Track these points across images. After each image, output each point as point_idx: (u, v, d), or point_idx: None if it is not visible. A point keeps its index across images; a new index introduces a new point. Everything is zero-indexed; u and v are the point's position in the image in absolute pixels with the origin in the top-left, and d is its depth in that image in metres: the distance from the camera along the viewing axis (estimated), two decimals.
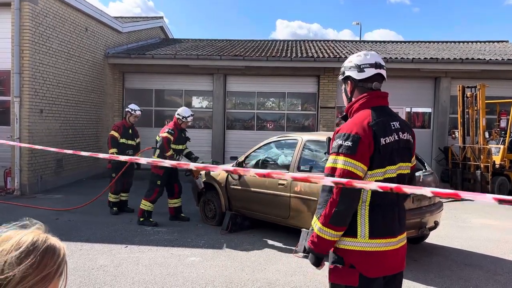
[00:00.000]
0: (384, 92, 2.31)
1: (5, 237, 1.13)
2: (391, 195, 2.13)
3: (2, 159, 9.61)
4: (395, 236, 2.17)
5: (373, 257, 2.11)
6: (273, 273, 4.74)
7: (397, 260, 2.20)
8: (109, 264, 4.92)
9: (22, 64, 9.28)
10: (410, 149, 2.28)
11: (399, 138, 2.18)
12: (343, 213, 2.06)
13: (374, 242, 2.11)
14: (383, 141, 2.10)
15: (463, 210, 8.60)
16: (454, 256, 5.56)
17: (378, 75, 2.26)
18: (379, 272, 2.13)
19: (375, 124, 2.11)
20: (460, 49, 14.95)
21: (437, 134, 12.91)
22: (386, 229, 2.14)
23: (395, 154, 2.16)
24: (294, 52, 13.80)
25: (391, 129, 2.17)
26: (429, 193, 1.57)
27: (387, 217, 2.15)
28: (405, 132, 2.24)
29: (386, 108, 2.27)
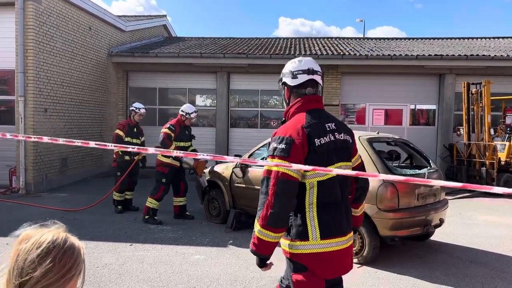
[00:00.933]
0: (317, 96, 2.37)
1: (25, 235, 1.15)
2: (335, 194, 2.19)
3: (7, 158, 9.66)
4: (345, 235, 2.20)
5: (326, 257, 2.12)
6: (278, 271, 4.73)
7: (347, 259, 2.23)
8: (114, 262, 4.93)
9: (26, 64, 9.31)
10: (348, 149, 2.34)
11: (335, 139, 2.24)
12: (278, 214, 2.08)
13: (326, 243, 2.12)
14: (318, 141, 2.16)
15: (469, 207, 8.56)
16: (459, 253, 5.54)
17: (311, 81, 2.32)
18: (335, 273, 2.18)
19: (308, 126, 2.18)
20: (464, 46, 14.86)
21: (442, 131, 12.85)
22: (336, 229, 2.16)
23: (332, 154, 2.21)
24: (297, 49, 13.76)
25: (326, 130, 2.23)
26: (438, 185, 1.57)
27: (336, 216, 2.18)
28: (342, 132, 2.30)
29: (320, 111, 2.34)
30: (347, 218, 2.25)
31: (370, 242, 4.93)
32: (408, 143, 6.14)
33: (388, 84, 13.15)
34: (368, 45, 15.09)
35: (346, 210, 2.27)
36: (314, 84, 2.35)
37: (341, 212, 2.21)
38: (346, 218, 2.24)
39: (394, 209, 4.88)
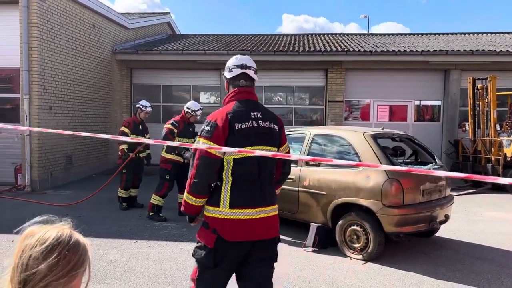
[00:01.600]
0: (249, 88, 2.76)
1: (29, 232, 1.14)
2: (251, 174, 2.57)
3: (12, 156, 9.71)
4: (255, 208, 2.55)
5: (232, 223, 2.52)
6: (282, 268, 4.72)
7: (259, 228, 2.57)
8: (119, 259, 4.95)
9: (30, 62, 9.34)
10: (272, 136, 2.70)
11: (257, 125, 2.62)
12: (198, 184, 2.56)
13: (233, 211, 2.52)
14: (238, 126, 2.55)
15: (474, 204, 8.52)
16: (465, 249, 5.51)
17: (244, 74, 2.74)
18: (238, 237, 2.52)
19: (233, 113, 2.59)
20: (470, 41, 14.74)
21: (447, 127, 12.78)
22: (245, 201, 2.53)
23: (252, 137, 2.59)
24: (301, 46, 13.71)
25: (250, 117, 2.61)
26: (442, 175, 1.57)
27: (246, 191, 2.55)
28: (267, 121, 2.68)
29: (250, 101, 2.72)
30: (262, 194, 2.60)
31: (375, 239, 4.91)
32: (413, 139, 6.11)
33: (392, 80, 13.08)
34: (372, 41, 15.01)
35: (262, 187, 2.62)
36: (247, 78, 2.75)
37: (254, 188, 2.58)
38: (262, 194, 2.60)
39: (399, 205, 4.86)
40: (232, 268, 2.64)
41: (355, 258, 5.03)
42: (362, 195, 5.01)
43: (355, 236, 5.12)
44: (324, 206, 5.39)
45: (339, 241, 5.24)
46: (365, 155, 5.17)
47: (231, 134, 2.54)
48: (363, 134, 5.41)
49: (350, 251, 5.14)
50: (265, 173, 2.64)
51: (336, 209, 5.31)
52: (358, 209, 5.15)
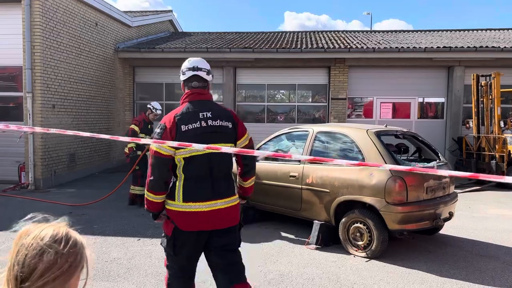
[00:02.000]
0: (201, 89, 2.93)
1: (25, 231, 1.12)
2: (202, 169, 2.78)
3: (16, 154, 9.73)
4: (207, 201, 2.77)
5: (186, 215, 2.77)
6: (285, 265, 4.73)
7: (213, 219, 2.79)
8: (122, 256, 4.95)
9: (33, 60, 9.35)
10: (225, 133, 2.87)
11: (206, 125, 2.81)
12: (155, 182, 2.77)
13: (186, 205, 2.76)
14: (184, 127, 2.76)
15: (478, 201, 8.48)
16: (469, 247, 5.49)
17: (196, 76, 2.91)
18: (192, 227, 2.77)
19: (180, 115, 2.80)
20: (473, 37, 14.66)
21: (451, 124, 12.72)
22: (197, 195, 2.76)
23: (199, 137, 2.75)
24: (304, 43, 13.67)
25: (198, 118, 2.80)
26: (446, 174, 1.54)
27: (198, 186, 2.77)
28: (218, 119, 2.85)
29: (201, 101, 2.89)
30: (215, 188, 2.80)
31: (378, 236, 4.90)
32: (416, 136, 6.08)
33: (395, 77, 13.03)
34: (375, 38, 14.95)
35: (215, 182, 2.82)
36: (199, 79, 2.92)
37: (206, 184, 2.79)
38: (215, 188, 2.80)
39: (402, 203, 4.84)
40: (194, 255, 2.91)
41: (359, 256, 5.01)
42: (366, 193, 4.99)
43: (358, 233, 5.10)
44: (327, 204, 5.38)
45: (342, 239, 5.23)
46: (369, 153, 5.15)
47: (178, 135, 2.76)
48: (366, 131, 5.39)
49: (353, 249, 5.12)
50: (219, 169, 2.84)
51: (339, 207, 5.29)
52: (361, 207, 5.13)
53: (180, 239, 2.81)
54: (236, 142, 2.95)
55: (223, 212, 2.83)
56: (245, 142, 3.01)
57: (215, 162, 2.81)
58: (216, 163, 2.81)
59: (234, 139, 2.94)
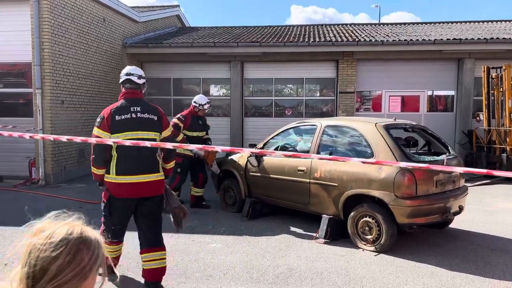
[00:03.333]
0: (132, 90, 3.89)
1: (38, 229, 1.07)
2: (130, 151, 3.65)
3: (26, 149, 9.83)
4: (134, 175, 3.68)
5: (118, 185, 3.70)
6: (294, 259, 4.73)
7: (139, 190, 3.71)
8: (132, 251, 4.98)
9: (42, 56, 9.41)
10: (150, 123, 3.80)
11: (136, 116, 3.74)
12: (95, 159, 3.73)
13: (118, 177, 3.69)
14: (118, 117, 3.69)
15: (489, 194, 8.40)
16: (479, 241, 5.44)
17: (129, 80, 3.87)
18: (122, 195, 3.70)
19: (115, 108, 3.75)
20: (484, 29, 14.44)
21: (461, 117, 12.57)
22: (126, 170, 3.68)
23: (130, 124, 3.71)
24: (311, 36, 13.58)
25: (130, 111, 3.74)
26: (460, 171, 1.52)
27: (127, 163, 3.68)
28: (145, 113, 3.79)
29: (133, 99, 3.84)
30: (141, 165, 3.70)
31: (388, 230, 4.87)
32: (426, 129, 6.02)
33: (404, 70, 12.89)
34: (383, 31, 14.79)
35: (141, 160, 3.69)
36: (131, 82, 3.87)
37: (133, 162, 3.68)
38: (140, 165, 3.70)
39: (411, 196, 4.81)
40: (125, 216, 3.83)
41: (368, 250, 5.00)
42: (374, 186, 4.96)
43: (367, 227, 5.08)
44: (336, 198, 5.36)
45: (351, 233, 5.21)
46: (378, 146, 5.12)
47: (113, 123, 3.68)
48: (375, 124, 5.35)
49: (362, 243, 5.11)
50: (143, 151, 3.68)
51: (348, 201, 5.27)
52: (370, 201, 5.11)
53: (114, 204, 3.74)
54: (162, 131, 3.89)
55: (146, 185, 3.73)
56: (168, 132, 3.96)
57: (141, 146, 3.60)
58: (141, 147, 3.60)
59: (160, 129, 3.87)
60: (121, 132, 3.69)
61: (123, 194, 3.69)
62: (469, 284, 4.07)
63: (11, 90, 10.29)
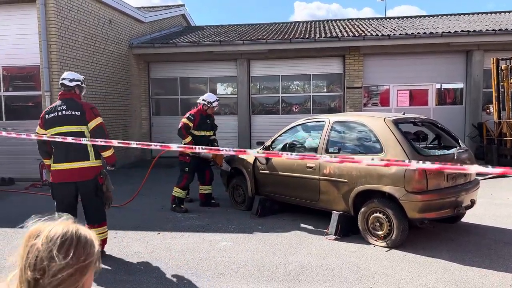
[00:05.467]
0: (64, 92, 4.71)
1: (33, 230, 1.09)
2: (60, 144, 4.42)
3: (36, 152, 9.85)
4: (63, 163, 4.50)
5: (55, 172, 4.57)
6: (305, 256, 4.72)
7: (69, 175, 4.51)
8: (143, 250, 5.02)
9: (50, 59, 9.49)
10: (74, 119, 4.54)
11: (61, 114, 4.53)
12: (41, 152, 4.70)
13: (55, 165, 4.56)
14: (47, 116, 4.58)
15: (500, 188, 8.30)
16: (492, 234, 5.38)
17: (61, 84, 4.70)
18: (58, 179, 4.54)
19: (48, 109, 4.68)
20: (492, 20, 14.26)
21: (470, 110, 12.44)
22: (58, 159, 4.52)
23: (56, 121, 4.53)
24: (317, 32, 13.52)
25: (57, 109, 4.55)
26: (474, 172, 1.49)
27: (58, 154, 4.53)
28: (69, 110, 4.54)
29: (63, 99, 4.64)
30: (68, 154, 4.47)
31: (399, 225, 4.84)
32: (435, 123, 5.96)
33: (412, 64, 12.79)
34: (390, 25, 14.68)
35: (68, 150, 4.46)
36: (64, 85, 4.68)
37: (63, 152, 4.49)
38: (68, 154, 4.47)
39: (422, 191, 4.76)
40: (66, 197, 4.55)
41: (379, 246, 4.97)
42: (384, 182, 4.93)
43: (378, 223, 5.05)
44: (346, 194, 5.33)
45: (361, 229, 5.19)
46: (387, 141, 5.07)
47: (44, 121, 4.58)
48: (384, 119, 5.31)
49: (373, 239, 5.08)
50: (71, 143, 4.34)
51: (358, 197, 5.24)
52: (380, 196, 5.07)
53: (55, 188, 4.57)
54: (88, 124, 4.57)
55: (74, 171, 4.49)
56: (94, 123, 4.59)
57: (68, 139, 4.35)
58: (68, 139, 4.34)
59: (84, 122, 4.56)
60: (51, 127, 4.54)
61: (56, 179, 4.55)
62: (483, 278, 4.03)
63: (21, 93, 10.40)
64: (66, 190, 4.53)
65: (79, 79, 4.76)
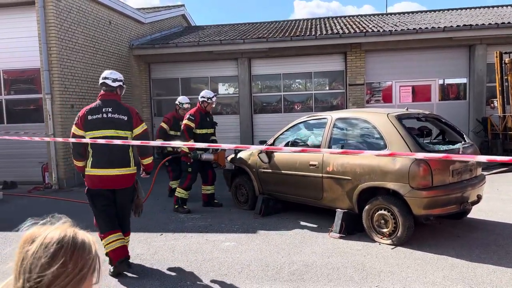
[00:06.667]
0: (107, 92, 4.38)
1: (28, 236, 1.03)
2: (103, 148, 4.16)
3: (39, 155, 9.90)
4: (107, 169, 4.18)
5: (92, 177, 4.24)
6: (309, 255, 4.65)
7: (111, 182, 4.21)
8: (145, 252, 4.97)
9: (50, 61, 9.45)
10: (118, 123, 4.26)
11: (106, 116, 4.23)
12: (73, 153, 4.33)
13: (93, 170, 4.23)
14: (90, 117, 4.24)
15: (506, 182, 8.21)
16: (499, 230, 5.30)
17: (104, 83, 4.38)
18: (96, 186, 4.22)
19: (89, 109, 4.28)
20: (494, 14, 14.13)
21: (474, 105, 12.32)
22: (99, 164, 4.20)
23: (100, 123, 4.23)
24: (318, 30, 13.43)
25: (102, 111, 4.24)
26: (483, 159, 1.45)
27: (99, 158, 4.20)
28: (116, 113, 4.27)
29: (107, 100, 4.32)
30: (111, 160, 4.18)
31: (404, 222, 4.77)
32: (439, 118, 5.88)
33: (414, 60, 12.67)
34: (391, 21, 14.57)
35: (111, 156, 4.19)
36: (106, 85, 4.37)
37: (104, 157, 4.18)
38: (111, 160, 4.18)
39: (427, 187, 4.69)
40: (106, 205, 4.24)
41: (384, 243, 4.90)
42: (389, 178, 4.86)
43: (383, 220, 4.98)
44: (350, 192, 5.26)
45: (366, 227, 5.12)
46: (390, 137, 5.00)
47: (85, 122, 4.23)
48: (387, 115, 5.23)
49: (378, 236, 5.01)
50: (114, 147, 4.16)
51: (362, 194, 5.17)
52: (385, 193, 5.00)
53: (92, 194, 4.26)
54: (133, 129, 4.34)
55: (116, 178, 4.21)
56: (140, 130, 4.37)
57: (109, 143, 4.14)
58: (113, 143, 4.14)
59: (130, 128, 4.32)
60: (93, 130, 4.22)
61: (96, 185, 4.22)
62: (491, 275, 3.95)
63: (22, 96, 10.39)
64: (104, 197, 4.22)
65: (121, 79, 4.46)
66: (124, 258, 4.26)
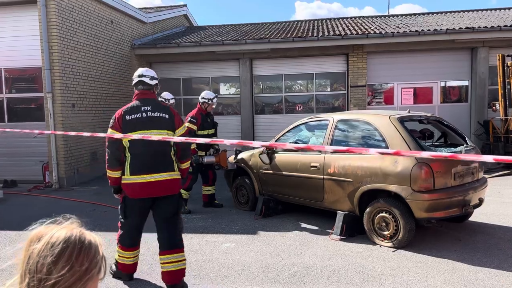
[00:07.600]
0: (144, 91, 3.97)
1: (35, 235, 1.03)
2: (142, 151, 3.71)
3: (39, 154, 9.89)
4: (149, 174, 3.68)
5: (132, 186, 3.71)
6: (309, 257, 4.63)
7: (154, 188, 3.71)
8: (145, 253, 4.94)
9: (52, 60, 9.44)
10: (161, 122, 3.84)
11: (146, 116, 3.80)
12: (109, 159, 3.76)
13: (132, 177, 3.71)
14: (128, 117, 3.79)
15: (508, 186, 8.19)
16: (501, 233, 5.27)
17: (141, 81, 3.97)
18: (137, 195, 3.71)
19: (126, 109, 3.84)
20: (497, 17, 14.11)
21: (476, 108, 12.30)
22: (140, 169, 3.69)
23: (140, 124, 3.77)
24: (320, 31, 13.42)
25: (140, 110, 3.81)
26: (491, 160, 1.44)
27: (140, 162, 3.71)
28: (156, 112, 3.85)
29: (145, 99, 3.91)
30: (154, 164, 3.71)
31: (405, 225, 4.74)
32: (441, 121, 5.86)
33: (416, 62, 12.65)
34: (393, 23, 14.55)
35: (154, 159, 3.71)
36: (144, 83, 3.97)
37: (146, 160, 3.70)
38: (154, 164, 3.70)
39: (429, 190, 4.67)
40: (141, 217, 3.86)
41: (385, 246, 4.88)
42: (390, 181, 4.84)
43: (384, 223, 4.96)
44: (351, 194, 5.24)
45: (367, 229, 5.09)
46: (392, 140, 4.98)
47: (124, 123, 3.78)
48: (389, 117, 5.21)
49: (379, 239, 4.98)
50: (156, 150, 3.74)
51: (363, 196, 5.15)
52: (386, 195, 4.98)
53: (129, 205, 3.77)
54: (175, 130, 3.92)
55: (162, 183, 3.72)
56: (182, 131, 3.98)
57: (152, 144, 3.70)
58: (153, 145, 3.70)
59: (172, 127, 3.89)
60: (133, 131, 3.74)
61: (137, 194, 3.70)
62: (492, 279, 3.93)
63: (23, 95, 10.37)
64: (143, 209, 3.81)
65: (157, 77, 4.13)
66: (132, 273, 4.13)
